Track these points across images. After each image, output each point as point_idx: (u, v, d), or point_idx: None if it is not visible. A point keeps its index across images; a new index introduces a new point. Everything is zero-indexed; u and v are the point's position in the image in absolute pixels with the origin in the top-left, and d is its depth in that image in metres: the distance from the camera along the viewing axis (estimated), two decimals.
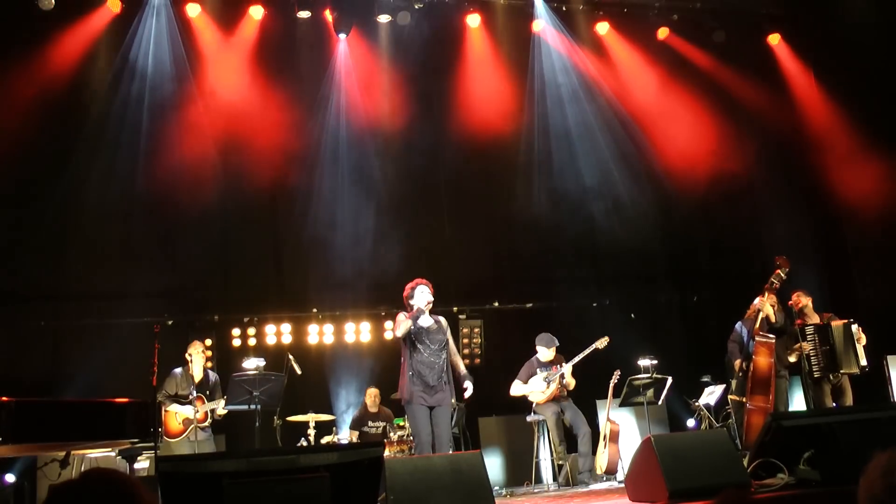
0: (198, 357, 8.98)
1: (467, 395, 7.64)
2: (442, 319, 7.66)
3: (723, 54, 12.47)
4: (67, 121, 10.49)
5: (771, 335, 8.63)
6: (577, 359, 9.44)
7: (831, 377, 8.83)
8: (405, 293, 7.52)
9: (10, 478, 7.71)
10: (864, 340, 8.92)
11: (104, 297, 10.47)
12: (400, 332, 7.39)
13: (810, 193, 11.98)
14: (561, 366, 9.47)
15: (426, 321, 7.48)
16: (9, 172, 10.03)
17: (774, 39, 12.73)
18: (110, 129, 10.64)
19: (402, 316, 7.44)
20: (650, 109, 12.18)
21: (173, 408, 8.63)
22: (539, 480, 9.63)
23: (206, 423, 8.76)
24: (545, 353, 9.58)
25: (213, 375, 9.13)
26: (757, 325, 8.65)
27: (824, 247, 12.12)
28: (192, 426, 8.62)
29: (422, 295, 7.44)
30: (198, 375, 8.92)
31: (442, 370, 7.34)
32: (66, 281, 10.38)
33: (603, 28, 12.34)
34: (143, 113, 10.81)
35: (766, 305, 8.65)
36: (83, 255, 10.38)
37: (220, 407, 8.71)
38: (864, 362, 8.85)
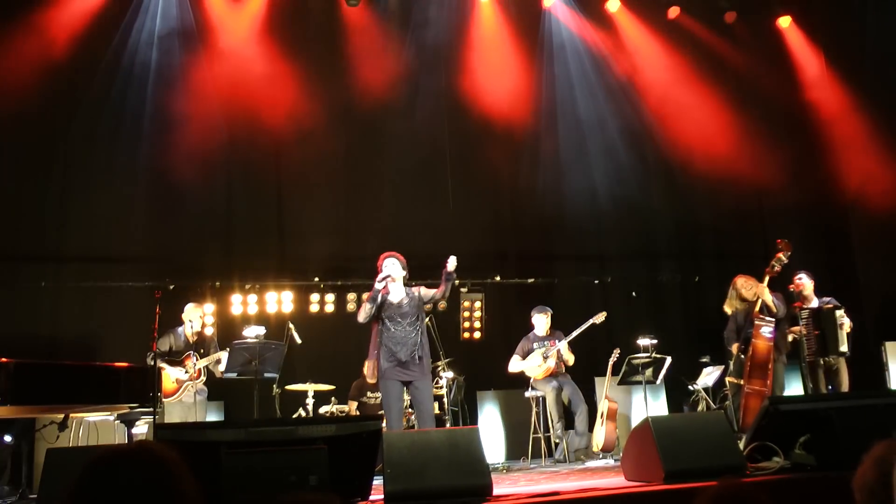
0: (195, 320, 9.00)
1: (451, 265, 7.20)
2: (416, 291, 7.39)
3: (733, 35, 12.40)
4: (71, 84, 10.47)
5: (770, 318, 8.63)
6: (574, 334, 9.47)
7: (823, 361, 8.83)
8: (378, 267, 7.36)
9: (7, 439, 7.73)
10: (847, 326, 8.89)
11: (105, 259, 10.46)
12: (362, 318, 7.25)
13: (815, 176, 11.91)
14: (558, 341, 9.49)
15: (396, 296, 7.31)
16: (12, 133, 10.01)
17: (785, 22, 12.63)
18: (115, 93, 10.62)
19: (366, 295, 7.31)
20: (658, 88, 12.11)
21: (165, 367, 8.65)
22: (536, 456, 9.67)
23: (201, 382, 8.77)
24: (541, 320, 9.60)
25: (209, 336, 9.14)
26: (756, 309, 8.64)
27: (828, 230, 12.08)
28: (185, 385, 8.65)
29: (386, 270, 7.25)
30: (193, 336, 8.95)
31: (415, 345, 7.15)
32: (68, 243, 10.38)
33: (613, 6, 12.26)
34: (148, 78, 10.80)
35: (765, 292, 8.64)
36: (85, 217, 10.38)
37: (213, 362, 8.73)
38: (844, 348, 8.82)
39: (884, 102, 11.34)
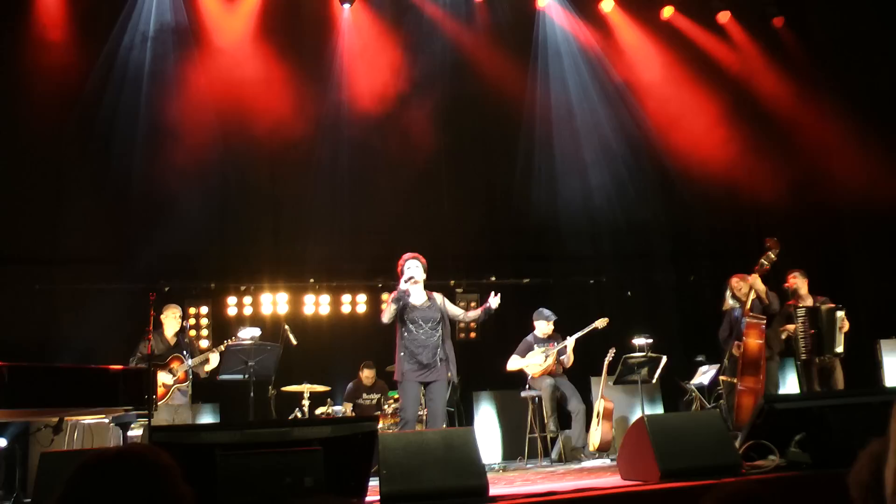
0: (171, 321, 8.85)
1: (494, 303, 7.39)
2: (437, 296, 7.49)
3: (727, 35, 12.40)
4: (64, 85, 10.43)
5: (762, 316, 8.64)
6: (576, 336, 9.46)
7: (818, 360, 8.83)
8: (398, 268, 7.45)
9: (1, 442, 7.71)
10: (846, 328, 8.89)
11: (100, 261, 10.44)
12: (386, 319, 7.30)
13: (809, 176, 11.91)
14: (559, 342, 9.49)
15: (418, 299, 7.36)
16: (6, 134, 9.98)
17: (779, 22, 12.62)
18: (109, 95, 10.59)
19: (392, 296, 7.35)
20: (653, 89, 12.12)
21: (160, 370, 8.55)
22: (532, 456, 9.66)
23: (186, 385, 8.71)
24: (544, 326, 9.59)
25: (186, 337, 9.05)
26: (748, 306, 8.64)
27: (822, 229, 12.08)
28: (173, 388, 8.56)
29: (409, 272, 7.31)
30: (171, 338, 8.84)
31: (437, 348, 7.22)
32: (62, 245, 10.35)
33: (607, 6, 12.25)
34: (142, 80, 10.77)
35: (757, 281, 8.63)
36: (80, 218, 10.34)
37: (200, 363, 8.65)
38: (840, 349, 8.82)
39: (878, 102, 11.32)
